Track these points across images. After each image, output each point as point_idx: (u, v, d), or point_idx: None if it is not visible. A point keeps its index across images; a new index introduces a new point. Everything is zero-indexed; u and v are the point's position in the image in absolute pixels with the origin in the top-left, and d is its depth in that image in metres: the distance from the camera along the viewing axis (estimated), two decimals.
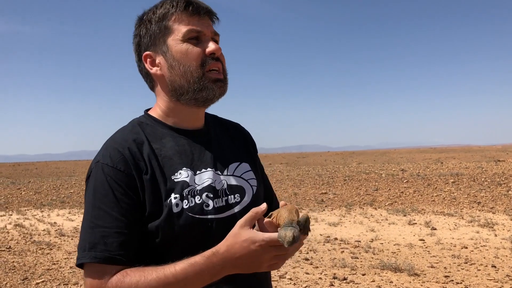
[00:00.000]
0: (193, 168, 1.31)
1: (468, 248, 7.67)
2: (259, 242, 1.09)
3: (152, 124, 1.37)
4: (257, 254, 1.09)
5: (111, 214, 1.18)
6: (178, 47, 1.30)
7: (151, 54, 1.35)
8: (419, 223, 10.18)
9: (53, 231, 10.60)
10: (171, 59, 1.31)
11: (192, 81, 1.30)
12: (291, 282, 6.11)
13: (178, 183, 1.26)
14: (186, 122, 1.39)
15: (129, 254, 1.17)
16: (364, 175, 19.54)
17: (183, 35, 1.30)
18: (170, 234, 1.21)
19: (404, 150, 65.05)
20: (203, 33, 1.31)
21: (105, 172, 1.22)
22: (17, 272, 7.00)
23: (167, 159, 1.29)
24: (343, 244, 8.34)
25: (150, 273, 1.12)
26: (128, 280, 1.12)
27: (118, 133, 1.34)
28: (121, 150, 1.25)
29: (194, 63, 1.30)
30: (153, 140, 1.32)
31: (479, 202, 12.63)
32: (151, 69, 1.36)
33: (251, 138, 1.61)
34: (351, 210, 12.56)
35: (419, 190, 15.16)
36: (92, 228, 1.17)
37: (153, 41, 1.34)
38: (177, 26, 1.31)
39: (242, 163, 1.44)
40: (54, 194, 19.56)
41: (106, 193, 1.20)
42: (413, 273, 6.21)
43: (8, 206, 16.53)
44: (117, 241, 1.16)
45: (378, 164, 29.36)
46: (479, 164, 21.93)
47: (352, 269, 6.58)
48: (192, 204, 1.25)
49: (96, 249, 1.15)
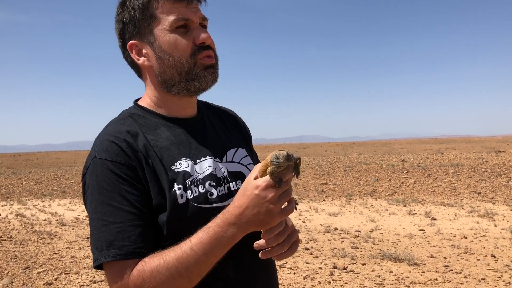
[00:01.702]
0: (193, 158, 1.28)
1: (467, 238, 7.69)
2: (261, 183, 1.09)
3: (144, 115, 1.32)
4: (261, 198, 1.08)
5: (122, 208, 1.14)
6: (166, 38, 1.25)
7: (137, 43, 1.30)
8: (419, 213, 10.20)
9: (54, 221, 10.64)
10: (159, 50, 1.26)
11: (184, 72, 1.26)
12: (291, 271, 6.13)
13: (179, 174, 1.23)
14: (179, 111, 1.35)
15: (147, 245, 1.14)
16: (365, 166, 19.56)
17: (170, 24, 1.24)
18: (178, 225, 1.19)
19: (405, 141, 65.02)
20: (191, 21, 1.26)
21: (106, 167, 1.17)
22: (19, 261, 7.03)
23: (164, 149, 1.26)
24: (343, 234, 8.36)
25: (169, 254, 1.10)
26: (149, 267, 1.09)
27: (110, 126, 1.29)
28: (118, 143, 1.20)
29: (184, 54, 1.25)
30: (147, 131, 1.28)
31: (479, 193, 12.64)
32: (138, 59, 1.31)
33: (243, 123, 1.59)
34: (351, 201, 12.58)
35: (419, 180, 15.17)
36: (106, 226, 1.13)
37: (138, 29, 1.28)
38: (163, 14, 1.25)
39: (239, 148, 1.42)
40: (55, 184, 19.60)
41: (112, 189, 1.16)
42: (413, 263, 6.23)
43: (9, 196, 16.57)
44: (134, 234, 1.13)
45: (378, 155, 29.36)
46: (479, 155, 21.93)
47: (352, 259, 6.61)
48: (196, 194, 1.22)
49: (114, 246, 1.11)
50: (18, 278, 6.16)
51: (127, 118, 1.31)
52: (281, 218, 1.10)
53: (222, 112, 1.54)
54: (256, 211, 1.08)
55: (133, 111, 1.34)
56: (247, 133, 1.57)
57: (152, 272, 1.08)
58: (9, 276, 6.26)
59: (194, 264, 1.09)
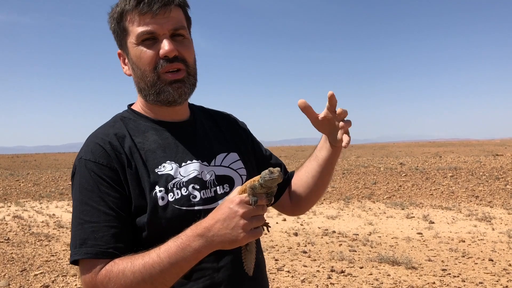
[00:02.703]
0: (178, 161, 1.30)
1: (465, 242, 7.70)
2: (236, 199, 1.10)
3: (134, 119, 1.36)
4: (233, 212, 1.09)
5: (99, 208, 1.18)
6: (133, 51, 1.29)
7: (122, 53, 1.37)
8: (417, 216, 10.20)
9: (52, 223, 10.61)
10: (131, 61, 1.31)
11: (149, 85, 1.29)
12: (289, 274, 6.13)
13: (162, 176, 1.25)
14: (168, 115, 1.38)
15: (121, 247, 1.17)
16: (363, 169, 19.56)
17: (136, 38, 1.27)
18: (158, 227, 1.21)
19: (403, 144, 65.07)
20: (156, 33, 1.26)
21: (88, 167, 1.21)
22: (16, 263, 7.01)
23: (150, 152, 1.29)
24: (341, 237, 8.36)
25: (137, 258, 1.13)
26: (116, 268, 1.13)
27: (99, 129, 1.33)
28: (102, 145, 1.24)
29: (147, 68, 1.27)
30: (136, 134, 1.31)
31: (477, 196, 12.65)
32: (123, 68, 1.37)
33: (240, 124, 1.60)
34: (349, 204, 12.58)
35: (417, 184, 15.17)
36: (82, 225, 1.17)
37: (120, 40, 1.34)
38: (131, 27, 1.28)
39: (230, 153, 1.43)
40: (52, 186, 19.55)
41: (91, 189, 1.19)
42: (411, 266, 6.23)
43: (7, 197, 16.52)
44: (107, 234, 1.16)
45: (376, 158, 29.39)
46: (477, 158, 21.95)
47: (350, 262, 6.60)
48: (178, 196, 1.25)
49: (87, 244, 1.15)
50: (15, 280, 6.13)
51: (118, 121, 1.35)
52: (248, 238, 1.10)
53: (217, 116, 1.56)
54: (225, 225, 1.09)
55: (125, 115, 1.39)
56: (246, 136, 1.58)
57: (118, 274, 1.12)
58: (6, 278, 6.24)
59: (158, 272, 1.11)
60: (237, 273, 1.30)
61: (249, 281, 1.33)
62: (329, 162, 1.46)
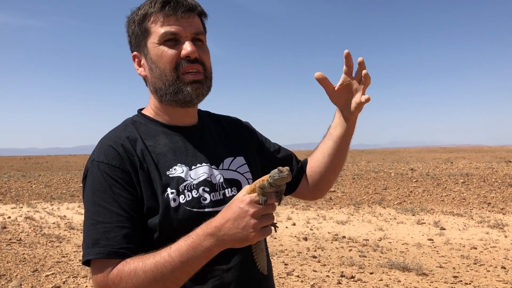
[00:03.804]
0: (188, 164, 1.33)
1: (477, 249, 7.62)
2: (246, 198, 1.12)
3: (145, 123, 1.39)
4: (244, 212, 1.10)
5: (111, 209, 1.20)
6: (154, 50, 1.32)
7: (137, 55, 1.39)
8: (428, 222, 10.12)
9: (63, 224, 10.69)
10: (150, 61, 1.34)
11: (168, 84, 1.32)
12: (298, 279, 6.11)
13: (173, 179, 1.28)
14: (178, 119, 1.41)
15: (132, 247, 1.19)
16: (373, 174, 19.46)
17: (159, 38, 1.31)
18: (169, 228, 1.23)
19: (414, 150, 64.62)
20: (179, 35, 1.31)
21: (101, 169, 1.24)
22: (28, 264, 7.08)
23: (161, 155, 1.31)
24: (351, 243, 8.32)
25: (148, 258, 1.15)
26: (127, 268, 1.14)
27: (111, 132, 1.36)
28: (115, 147, 1.27)
29: (168, 66, 1.31)
30: (147, 137, 1.34)
31: (489, 203, 12.51)
32: (138, 69, 1.40)
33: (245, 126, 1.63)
34: (359, 209, 12.51)
35: (428, 189, 15.06)
36: (94, 225, 1.19)
37: (137, 42, 1.37)
38: (154, 28, 1.32)
39: (237, 157, 1.46)
40: (64, 188, 19.72)
41: (104, 190, 1.22)
42: (421, 273, 6.18)
43: (19, 199, 16.69)
44: (119, 235, 1.18)
45: (387, 163, 29.22)
46: (489, 165, 21.73)
47: (360, 268, 6.57)
48: (189, 198, 1.27)
49: (99, 244, 1.17)
50: (26, 281, 6.20)
51: (129, 125, 1.38)
52: (258, 237, 1.12)
53: (223, 121, 1.59)
54: (236, 224, 1.10)
55: (135, 119, 1.42)
56: (251, 138, 1.61)
57: (130, 273, 1.13)
58: (18, 278, 6.30)
59: (170, 271, 1.13)
60: (246, 273, 1.32)
61: (258, 281, 1.35)
62: (344, 138, 1.52)
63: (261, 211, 1.11)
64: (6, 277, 6.36)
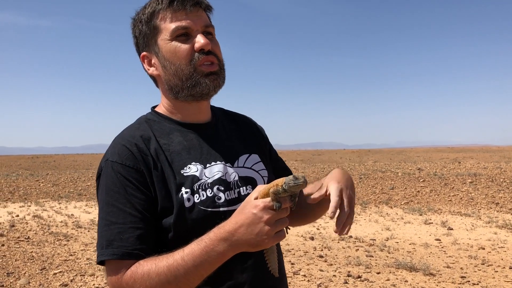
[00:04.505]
0: (203, 162, 1.32)
1: (485, 249, 7.57)
2: (260, 203, 1.10)
3: (159, 121, 1.38)
4: (258, 218, 1.09)
5: (125, 210, 1.20)
6: (167, 47, 1.31)
7: (147, 55, 1.37)
8: (435, 222, 10.07)
9: (70, 223, 10.76)
10: (163, 59, 1.32)
11: (185, 79, 1.31)
12: (305, 278, 6.10)
13: (188, 178, 1.27)
14: (191, 116, 1.40)
15: (146, 248, 1.19)
16: (380, 174, 19.39)
17: (170, 34, 1.30)
18: (184, 228, 1.22)
19: (421, 149, 64.32)
20: (190, 29, 1.30)
21: (115, 169, 1.23)
22: (36, 262, 7.13)
23: (175, 154, 1.30)
24: (358, 242, 8.30)
25: (161, 260, 1.15)
26: (141, 269, 1.15)
27: (125, 131, 1.35)
28: (129, 147, 1.26)
29: (183, 61, 1.30)
30: (161, 136, 1.33)
31: (497, 203, 12.43)
32: (148, 69, 1.38)
33: (259, 128, 1.61)
34: (366, 209, 12.48)
35: (435, 189, 14.98)
36: (108, 226, 1.19)
37: (146, 42, 1.36)
38: (164, 24, 1.31)
39: (252, 154, 1.44)
40: (71, 187, 19.84)
41: (118, 190, 1.21)
42: (429, 273, 6.15)
43: (27, 197, 16.82)
44: (132, 236, 1.18)
45: (394, 163, 29.11)
46: (497, 165, 21.59)
47: (366, 267, 6.55)
48: (203, 197, 1.26)
49: (113, 245, 1.17)
50: (34, 279, 6.24)
51: (143, 123, 1.37)
52: (272, 242, 1.11)
53: (238, 118, 1.57)
54: (249, 230, 1.09)
55: (149, 117, 1.41)
56: (263, 140, 1.58)
57: (144, 275, 1.14)
58: (26, 276, 6.35)
59: (183, 274, 1.12)
60: (261, 273, 1.31)
61: (271, 282, 1.34)
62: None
63: (275, 216, 1.09)
64: (14, 275, 6.41)
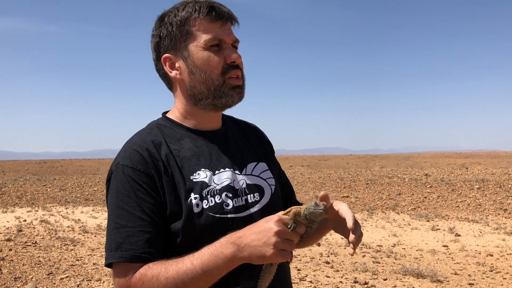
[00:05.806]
0: (212, 169, 1.33)
1: (493, 256, 7.51)
2: (275, 217, 1.12)
3: (170, 126, 1.40)
4: (269, 228, 1.10)
5: (134, 213, 1.21)
6: (199, 54, 1.32)
7: (171, 57, 1.37)
8: (443, 229, 10.01)
9: (77, 228, 10.80)
10: (192, 65, 1.33)
11: (213, 88, 1.33)
12: (311, 284, 6.08)
13: (197, 184, 1.29)
14: (204, 124, 1.41)
15: (154, 252, 1.20)
16: (387, 179, 19.30)
17: (205, 42, 1.32)
18: (192, 234, 1.24)
19: (428, 155, 63.94)
20: (223, 41, 1.33)
21: (126, 173, 1.25)
22: (43, 267, 7.16)
23: (185, 160, 1.32)
24: (364, 248, 8.26)
25: (171, 264, 1.16)
26: (150, 273, 1.16)
27: (136, 136, 1.37)
28: (140, 151, 1.28)
29: (215, 71, 1.32)
30: (171, 141, 1.35)
31: (506, 209, 12.33)
32: (171, 72, 1.38)
33: (267, 139, 1.64)
34: (373, 214, 12.42)
35: (443, 195, 14.89)
36: (117, 229, 1.21)
37: (173, 44, 1.36)
38: (199, 32, 1.32)
39: (259, 162, 1.47)
40: (78, 192, 19.92)
41: (128, 194, 1.23)
42: (436, 280, 6.11)
43: (34, 202, 16.91)
44: (141, 239, 1.19)
45: (401, 168, 28.95)
46: (505, 170, 21.40)
47: (373, 274, 6.51)
48: (212, 204, 1.27)
49: (122, 248, 1.18)
50: (41, 283, 6.27)
51: (154, 128, 1.39)
52: (277, 258, 1.10)
53: (246, 127, 1.60)
54: (258, 237, 1.10)
55: (160, 122, 1.42)
56: (269, 148, 1.61)
57: (152, 278, 1.15)
58: (33, 281, 6.38)
59: (191, 278, 1.13)
60: None
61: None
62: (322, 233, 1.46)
63: (286, 232, 1.11)
64: (21, 279, 6.44)
